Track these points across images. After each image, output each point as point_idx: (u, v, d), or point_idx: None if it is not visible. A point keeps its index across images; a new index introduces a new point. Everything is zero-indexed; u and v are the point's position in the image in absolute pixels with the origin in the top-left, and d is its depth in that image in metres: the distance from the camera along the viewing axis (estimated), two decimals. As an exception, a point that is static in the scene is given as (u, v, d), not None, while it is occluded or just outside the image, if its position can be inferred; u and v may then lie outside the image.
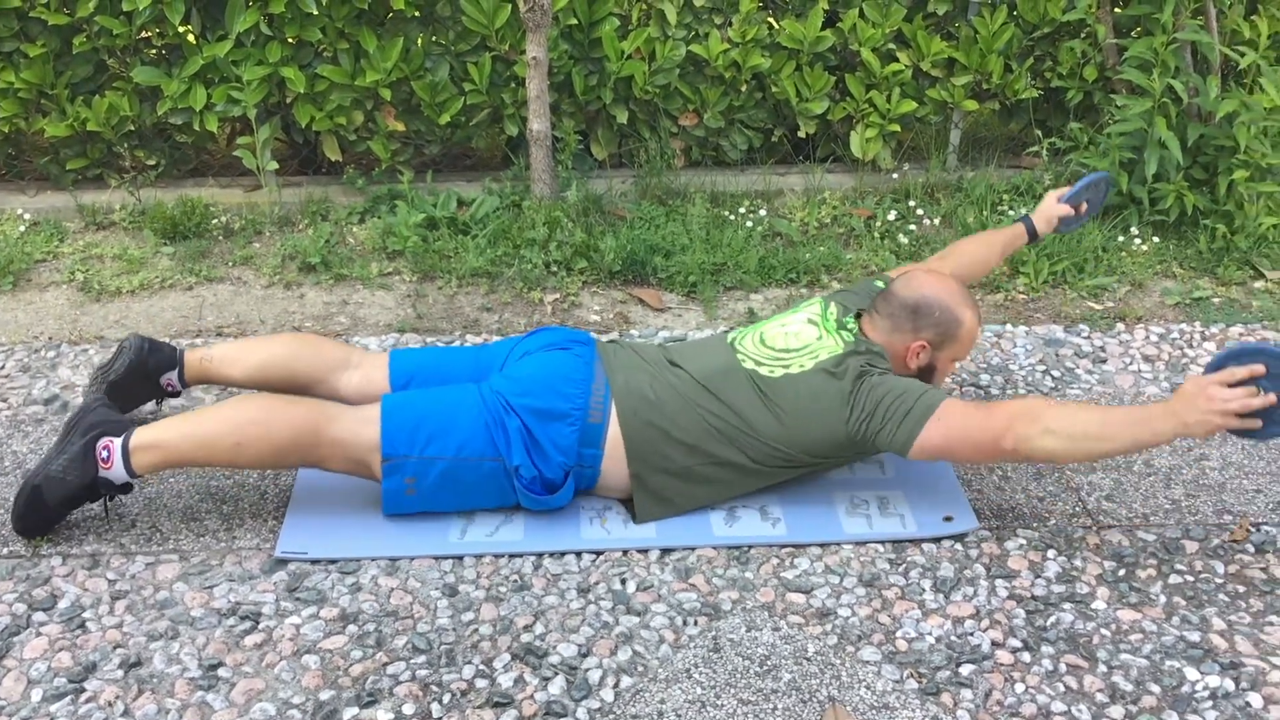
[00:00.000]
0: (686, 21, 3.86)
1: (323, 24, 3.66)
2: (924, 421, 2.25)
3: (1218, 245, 3.62)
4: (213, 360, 2.58)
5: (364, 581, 2.21)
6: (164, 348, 2.60)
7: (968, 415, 2.25)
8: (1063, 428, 2.16)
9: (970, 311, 2.45)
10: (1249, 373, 2.05)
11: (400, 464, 2.26)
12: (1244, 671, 2.04)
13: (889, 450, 2.32)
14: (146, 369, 2.57)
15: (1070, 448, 2.17)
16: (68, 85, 3.70)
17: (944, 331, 2.43)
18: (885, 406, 2.29)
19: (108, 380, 2.54)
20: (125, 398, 2.58)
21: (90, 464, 2.21)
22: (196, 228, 3.67)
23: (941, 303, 2.43)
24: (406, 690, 1.96)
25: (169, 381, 2.60)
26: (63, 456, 2.21)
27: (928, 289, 2.44)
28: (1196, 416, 2.07)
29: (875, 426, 2.29)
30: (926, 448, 2.26)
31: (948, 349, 2.45)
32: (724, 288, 3.45)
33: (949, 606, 2.18)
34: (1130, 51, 3.64)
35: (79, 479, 2.21)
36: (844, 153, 4.09)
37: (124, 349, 2.57)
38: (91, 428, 2.24)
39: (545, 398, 2.31)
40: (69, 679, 1.96)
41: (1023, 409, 2.21)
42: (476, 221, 3.64)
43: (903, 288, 2.46)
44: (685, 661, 2.03)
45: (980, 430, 2.22)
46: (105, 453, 2.21)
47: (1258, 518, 2.45)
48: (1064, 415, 2.18)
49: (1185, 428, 2.08)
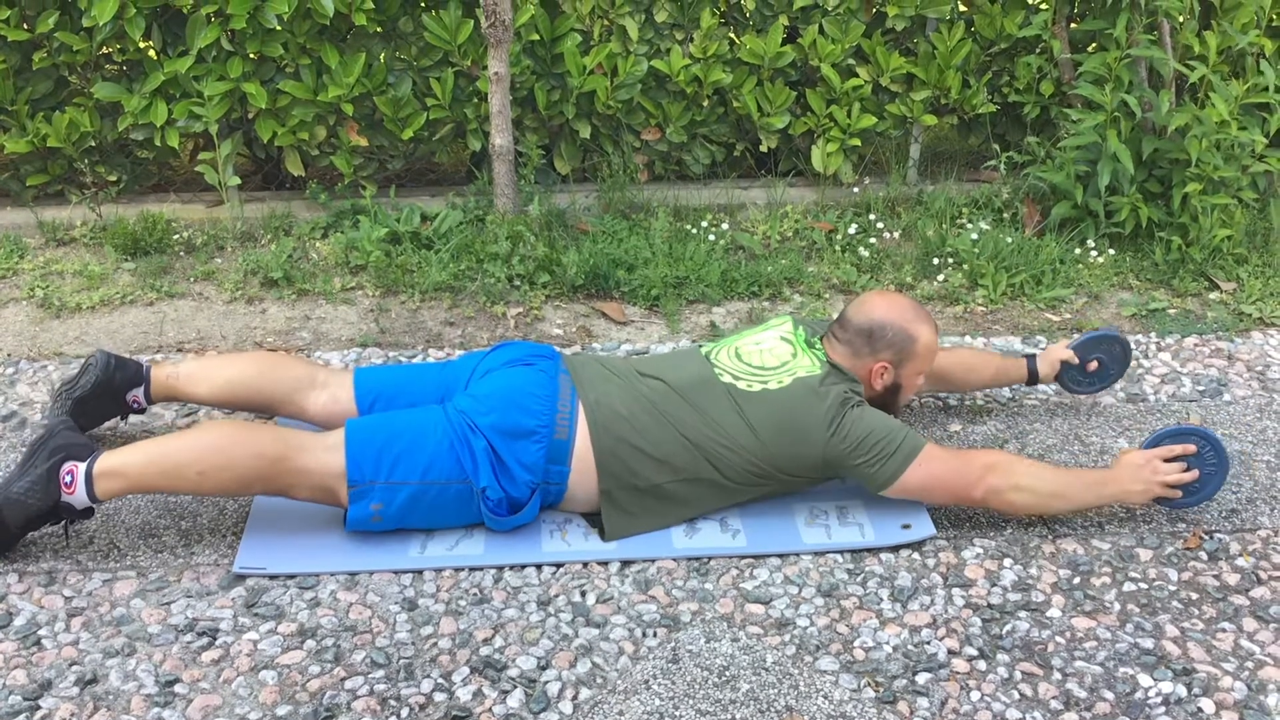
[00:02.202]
0: (648, 37, 3.89)
1: (284, 39, 3.66)
2: (907, 464, 2.33)
3: (1173, 257, 3.67)
4: (179, 377, 2.56)
5: (323, 596, 2.20)
6: (130, 364, 2.58)
7: (946, 462, 2.36)
8: (1031, 485, 2.35)
9: (925, 326, 2.48)
10: (1183, 450, 2.37)
11: (367, 490, 2.24)
12: (1196, 678, 2.06)
13: (863, 481, 2.38)
14: (113, 385, 2.55)
15: (1034, 504, 2.38)
16: (28, 101, 3.68)
17: (901, 350, 2.46)
18: (871, 443, 2.34)
19: (73, 397, 2.53)
20: (89, 415, 2.57)
21: (54, 488, 2.18)
22: (158, 243, 3.66)
23: (894, 323, 2.46)
24: (364, 705, 1.95)
25: (135, 398, 2.59)
26: (25, 479, 2.18)
27: (878, 312, 2.47)
28: (1140, 486, 2.38)
29: (857, 459, 2.34)
30: (906, 488, 2.36)
31: (909, 365, 2.49)
32: (686, 301, 3.46)
33: (906, 615, 2.20)
34: (1085, 67, 3.70)
35: (40, 503, 2.17)
36: (805, 167, 4.13)
37: (90, 366, 2.55)
38: (56, 451, 2.20)
39: (510, 415, 2.30)
40: (24, 696, 1.95)
41: (996, 461, 2.36)
42: (439, 236, 3.64)
43: (855, 313, 2.50)
44: (644, 673, 2.03)
45: (956, 477, 2.35)
46: (69, 478, 2.18)
47: (1210, 526, 2.48)
48: (1032, 473, 2.36)
49: (1126, 495, 2.39)
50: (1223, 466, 2.38)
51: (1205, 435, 2.38)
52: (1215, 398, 3.00)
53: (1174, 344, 3.27)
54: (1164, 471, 2.37)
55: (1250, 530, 2.47)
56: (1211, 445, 2.38)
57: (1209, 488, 2.40)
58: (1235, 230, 3.69)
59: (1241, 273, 3.64)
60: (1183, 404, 2.95)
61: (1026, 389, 2.99)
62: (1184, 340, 3.29)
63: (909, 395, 2.55)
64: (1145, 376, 3.10)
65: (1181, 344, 3.27)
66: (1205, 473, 2.38)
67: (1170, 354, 3.22)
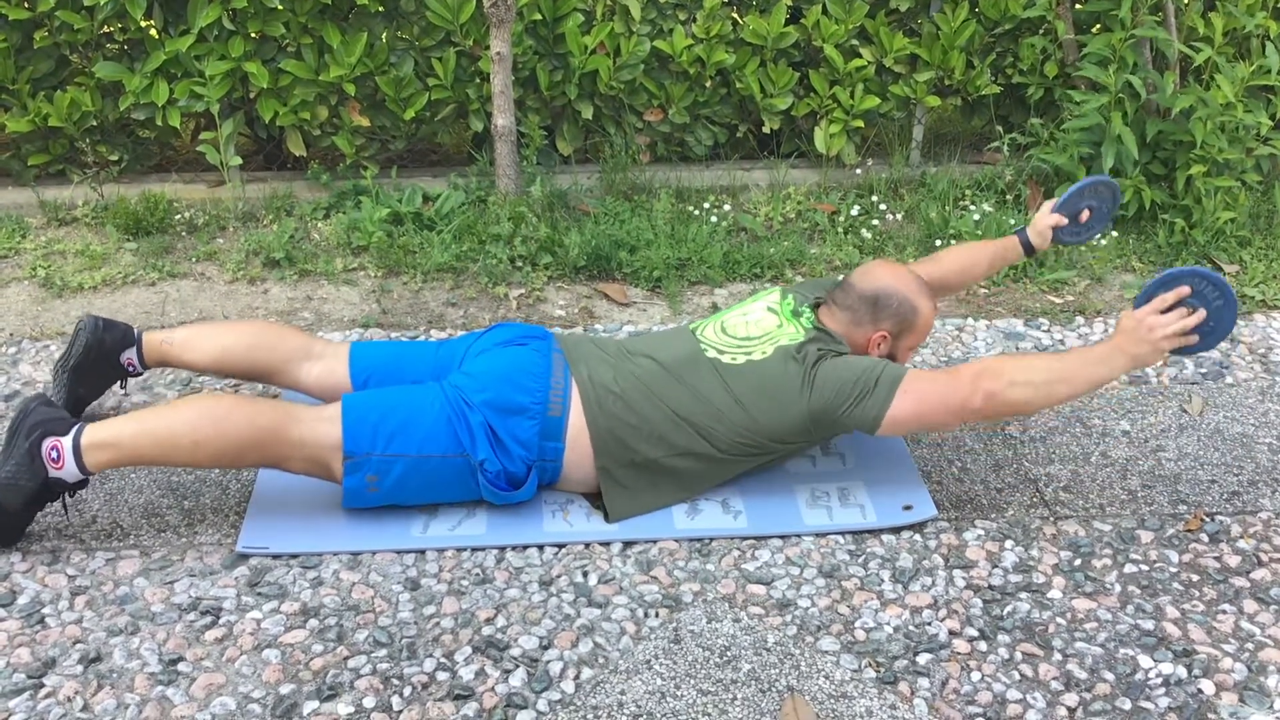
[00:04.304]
0: (651, 17, 3.87)
1: (286, 19, 3.65)
2: (892, 394, 2.28)
3: (1176, 239, 3.66)
4: (173, 344, 2.56)
5: (325, 576, 2.21)
6: (119, 325, 2.57)
7: (934, 381, 2.29)
8: (1027, 377, 2.25)
9: (926, 301, 2.48)
10: (1177, 296, 2.23)
11: (362, 462, 2.24)
12: (1196, 659, 2.07)
13: (859, 427, 2.33)
14: (105, 348, 2.55)
15: (1036, 394, 2.26)
16: (29, 80, 3.67)
17: (902, 321, 2.46)
18: (849, 385, 2.30)
19: (69, 367, 2.53)
20: (90, 384, 2.57)
21: (39, 466, 2.14)
22: (160, 223, 3.65)
23: (899, 293, 2.46)
24: (367, 684, 1.96)
25: (129, 361, 2.58)
26: (10, 463, 2.14)
27: (885, 281, 2.47)
28: (1145, 348, 2.24)
29: (841, 405, 2.30)
30: (898, 419, 2.28)
31: (906, 338, 2.49)
32: (688, 282, 3.46)
33: (907, 597, 2.20)
34: (1089, 48, 3.68)
35: (30, 482, 2.14)
36: (808, 148, 4.11)
37: (79, 331, 2.54)
38: (34, 429, 2.16)
39: (504, 392, 2.31)
40: (28, 674, 1.96)
41: (984, 367, 2.28)
42: (441, 217, 3.64)
43: (861, 280, 2.49)
44: (646, 653, 2.04)
45: (949, 393, 2.27)
46: (54, 453, 2.15)
47: (1212, 508, 2.48)
48: (1024, 366, 2.27)
49: (1136, 360, 2.25)
50: (1228, 298, 2.22)
51: (1197, 273, 2.23)
52: (1217, 380, 3.00)
53: (1176, 326, 3.27)
54: (1165, 324, 2.24)
55: (1251, 513, 2.47)
56: (1209, 281, 2.23)
57: (1224, 323, 2.25)
58: (1239, 213, 3.69)
59: (1245, 255, 3.63)
60: (1185, 386, 2.95)
61: None
62: (1186, 323, 3.29)
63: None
64: (1147, 359, 3.09)
65: (1184, 327, 3.27)
66: (1212, 309, 2.24)
67: (1172, 336, 3.21)
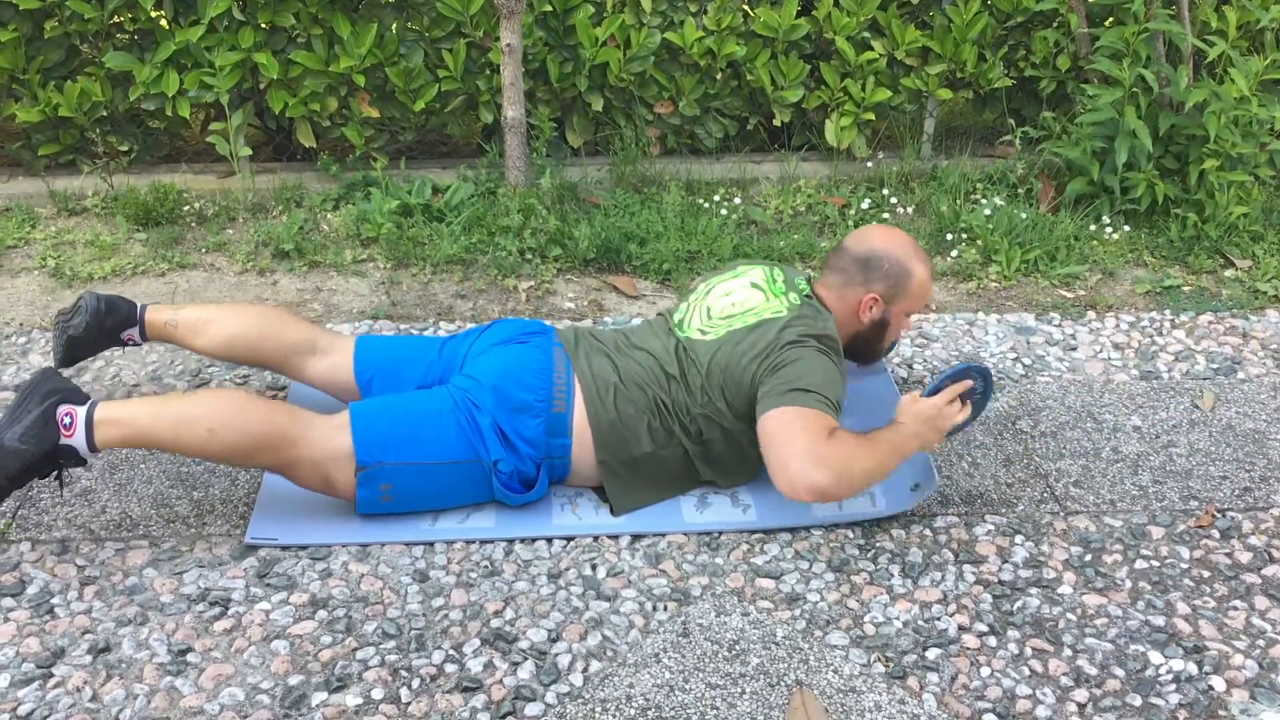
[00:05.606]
0: (661, 9, 3.86)
1: (296, 9, 3.65)
2: (779, 404, 2.19)
3: (1188, 234, 3.64)
4: (178, 325, 2.55)
5: (334, 568, 2.21)
6: (122, 307, 2.54)
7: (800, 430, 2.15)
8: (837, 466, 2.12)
9: (921, 264, 2.47)
10: (964, 388, 2.35)
11: (375, 472, 2.23)
12: (1207, 655, 2.06)
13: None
14: (104, 328, 2.53)
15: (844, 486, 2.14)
16: (39, 70, 3.67)
17: (895, 284, 2.45)
18: (782, 372, 2.24)
19: (66, 336, 2.50)
20: (85, 349, 2.55)
21: (51, 429, 2.10)
22: (169, 214, 3.65)
23: (891, 255, 2.45)
24: (376, 675, 1.96)
25: (129, 337, 2.57)
26: (19, 425, 2.09)
27: (878, 242, 2.47)
28: (934, 435, 2.30)
29: (761, 381, 2.26)
30: (764, 427, 2.20)
31: (900, 302, 2.48)
32: (698, 275, 3.45)
33: (917, 591, 2.19)
34: (1102, 41, 3.66)
35: (38, 447, 2.09)
36: (819, 141, 4.10)
37: (80, 308, 2.51)
38: (51, 394, 2.13)
39: (509, 392, 2.30)
40: (37, 664, 1.96)
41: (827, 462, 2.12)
42: (451, 209, 3.63)
43: (853, 242, 2.49)
44: (654, 646, 2.04)
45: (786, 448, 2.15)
46: (68, 419, 2.12)
47: (1223, 504, 2.47)
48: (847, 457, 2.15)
49: (925, 445, 2.31)
50: (988, 388, 2.40)
51: (975, 370, 2.36)
52: (1229, 375, 2.98)
53: (1188, 321, 3.25)
54: (952, 414, 2.31)
55: (1263, 509, 2.46)
56: (980, 375, 2.38)
57: (979, 411, 2.43)
58: (1252, 207, 3.67)
59: (1257, 250, 3.61)
60: (1196, 381, 2.94)
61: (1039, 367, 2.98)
62: (1198, 318, 3.27)
63: (895, 337, 2.55)
64: (1159, 354, 3.08)
65: (1196, 321, 3.25)
66: (976, 402, 2.40)
67: (1184, 331, 3.20)
